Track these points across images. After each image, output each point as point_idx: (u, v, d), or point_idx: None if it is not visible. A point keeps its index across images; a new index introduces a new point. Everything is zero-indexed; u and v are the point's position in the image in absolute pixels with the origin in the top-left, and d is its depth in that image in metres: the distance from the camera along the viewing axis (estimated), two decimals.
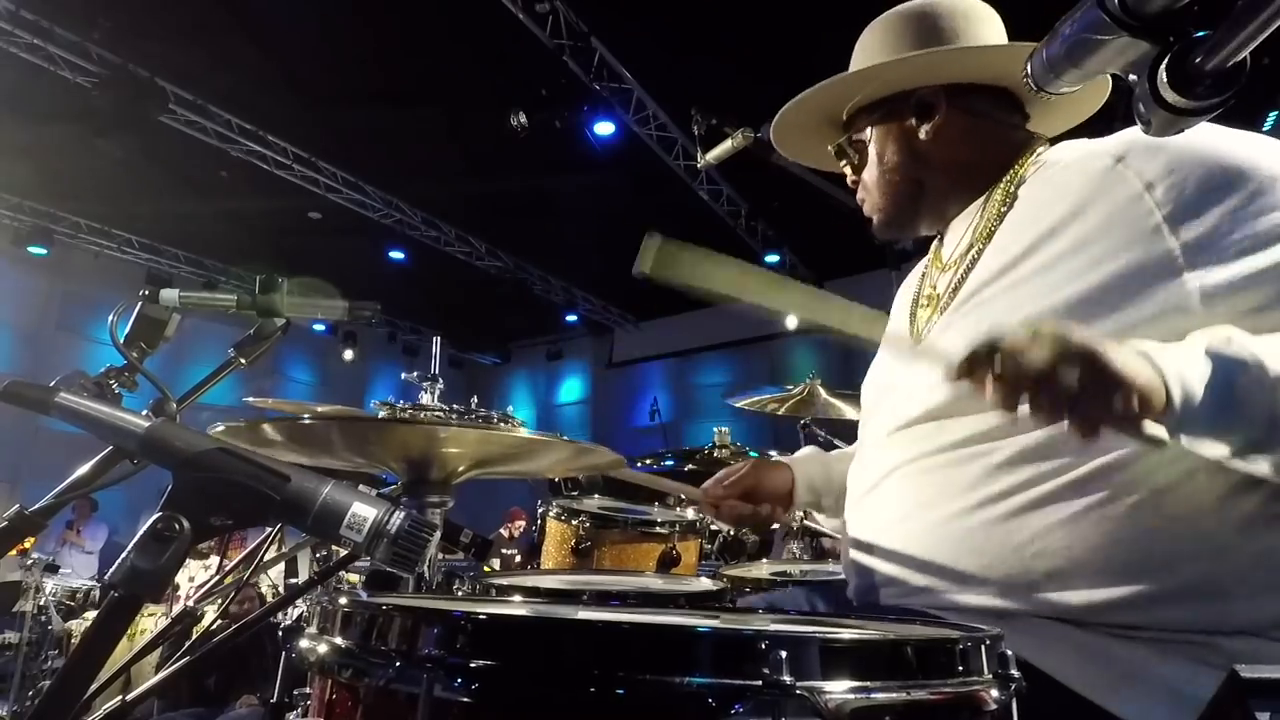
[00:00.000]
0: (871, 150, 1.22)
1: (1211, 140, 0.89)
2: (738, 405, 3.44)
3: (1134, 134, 0.94)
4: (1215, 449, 0.78)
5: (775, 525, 1.46)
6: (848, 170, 1.28)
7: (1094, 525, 0.87)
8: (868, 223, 1.29)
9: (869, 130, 1.22)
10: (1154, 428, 0.75)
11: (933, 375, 0.99)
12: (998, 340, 0.76)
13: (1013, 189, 1.09)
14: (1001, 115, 1.18)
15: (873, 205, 1.25)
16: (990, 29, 1.19)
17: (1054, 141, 1.16)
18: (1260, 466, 0.78)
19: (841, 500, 1.40)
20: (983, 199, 1.13)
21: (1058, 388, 0.72)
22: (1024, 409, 0.75)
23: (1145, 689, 0.82)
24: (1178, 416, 0.75)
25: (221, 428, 1.12)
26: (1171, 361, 0.76)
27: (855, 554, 1.12)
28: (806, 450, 1.56)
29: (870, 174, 1.23)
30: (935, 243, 1.27)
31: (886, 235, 1.28)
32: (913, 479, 1.04)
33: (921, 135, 1.17)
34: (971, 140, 1.16)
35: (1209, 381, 0.75)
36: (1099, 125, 1.07)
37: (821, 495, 1.44)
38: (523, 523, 6.92)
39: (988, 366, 0.76)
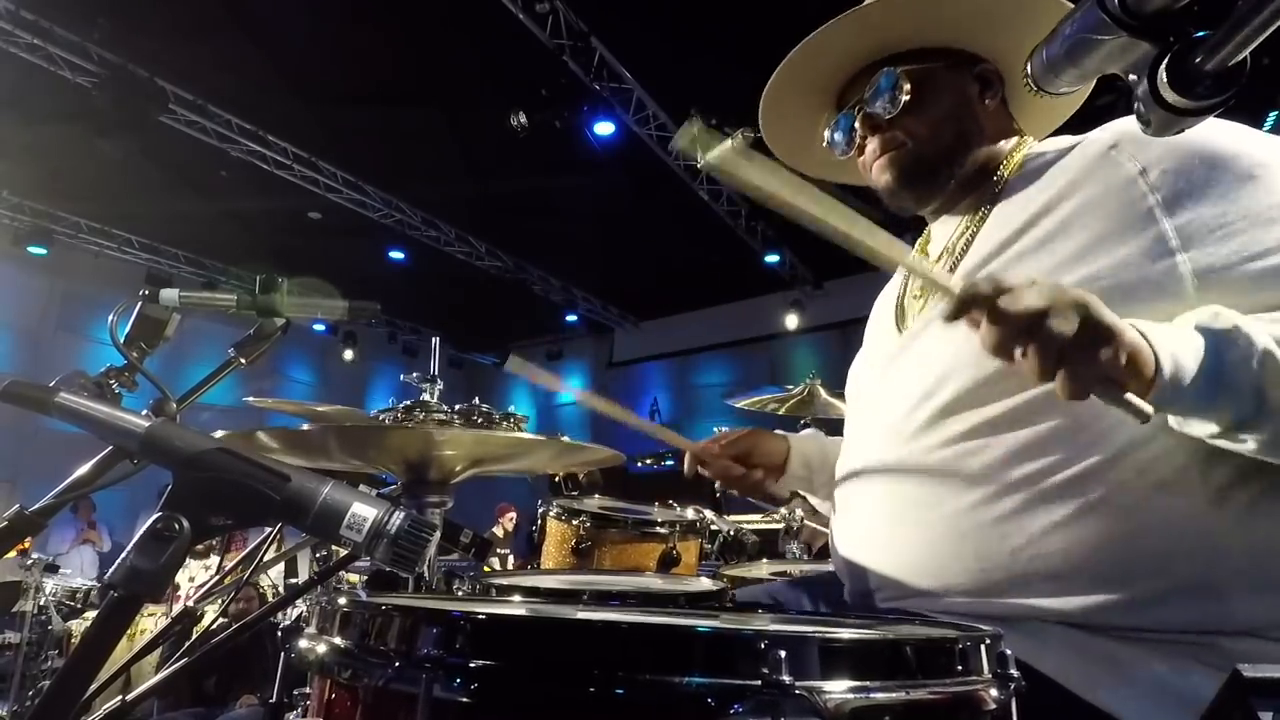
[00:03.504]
0: (930, 93, 1.11)
1: (1203, 129, 0.89)
2: (738, 405, 3.45)
3: (1126, 123, 0.96)
4: (1203, 427, 0.79)
5: (764, 492, 1.45)
6: (868, 113, 1.12)
7: (1089, 526, 0.87)
8: (877, 188, 1.16)
9: (926, 72, 1.11)
10: (1138, 400, 0.74)
11: (927, 380, 1.01)
12: (996, 280, 0.75)
13: (1005, 177, 1.10)
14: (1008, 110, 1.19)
15: (910, 152, 1.11)
16: None
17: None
18: (1246, 444, 0.78)
19: (832, 485, 1.39)
20: (978, 189, 1.13)
21: (1050, 333, 0.72)
22: (1018, 362, 0.74)
23: (1146, 690, 0.82)
24: (1167, 389, 0.75)
25: (220, 435, 1.12)
26: (1162, 335, 0.77)
27: (848, 556, 1.12)
28: (807, 431, 1.56)
29: (921, 116, 1.10)
30: (921, 240, 1.26)
31: (905, 193, 1.14)
32: (905, 479, 1.03)
33: (985, 104, 1.13)
34: (1004, 128, 1.16)
35: (1200, 356, 0.76)
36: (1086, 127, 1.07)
37: (815, 474, 1.43)
38: (514, 514, 6.87)
39: (984, 306, 0.75)
